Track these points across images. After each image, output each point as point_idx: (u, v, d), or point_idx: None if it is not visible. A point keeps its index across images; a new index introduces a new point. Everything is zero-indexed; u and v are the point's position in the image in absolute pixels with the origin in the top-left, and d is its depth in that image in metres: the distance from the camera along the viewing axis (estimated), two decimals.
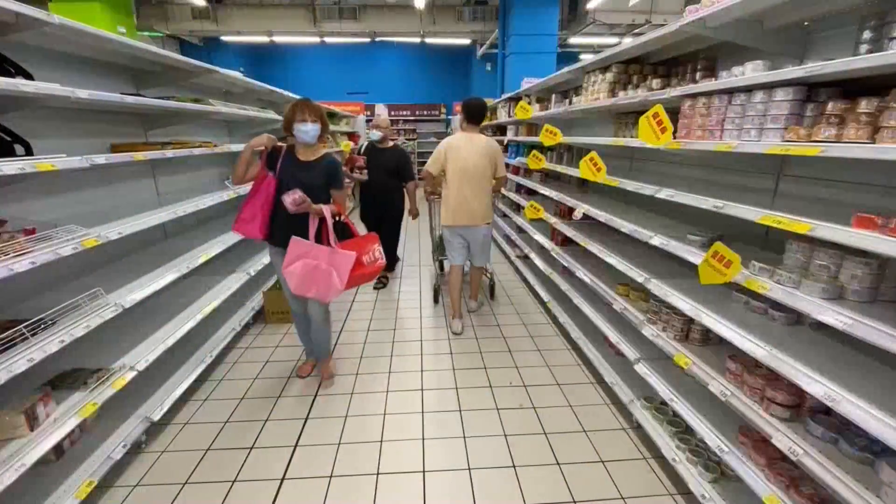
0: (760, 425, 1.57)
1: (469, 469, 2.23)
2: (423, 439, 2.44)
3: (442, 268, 5.14)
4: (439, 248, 4.49)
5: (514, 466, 2.25)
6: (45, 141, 2.26)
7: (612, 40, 10.95)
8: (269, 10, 10.82)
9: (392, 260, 4.98)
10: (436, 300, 4.46)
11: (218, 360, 3.22)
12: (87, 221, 2.14)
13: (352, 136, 10.02)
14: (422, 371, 3.13)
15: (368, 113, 13.55)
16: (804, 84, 1.52)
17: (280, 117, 4.85)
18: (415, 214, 4.58)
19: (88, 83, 2.57)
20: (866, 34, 1.49)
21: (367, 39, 11.88)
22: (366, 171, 4.40)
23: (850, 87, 1.50)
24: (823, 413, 1.52)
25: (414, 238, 7.18)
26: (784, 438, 1.48)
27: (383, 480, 2.16)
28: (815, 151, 1.32)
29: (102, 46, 2.38)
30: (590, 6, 8.90)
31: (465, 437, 2.45)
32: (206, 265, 3.08)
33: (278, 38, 11.59)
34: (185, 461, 2.27)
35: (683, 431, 2.17)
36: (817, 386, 1.33)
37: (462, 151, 3.41)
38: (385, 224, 4.60)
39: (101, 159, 2.00)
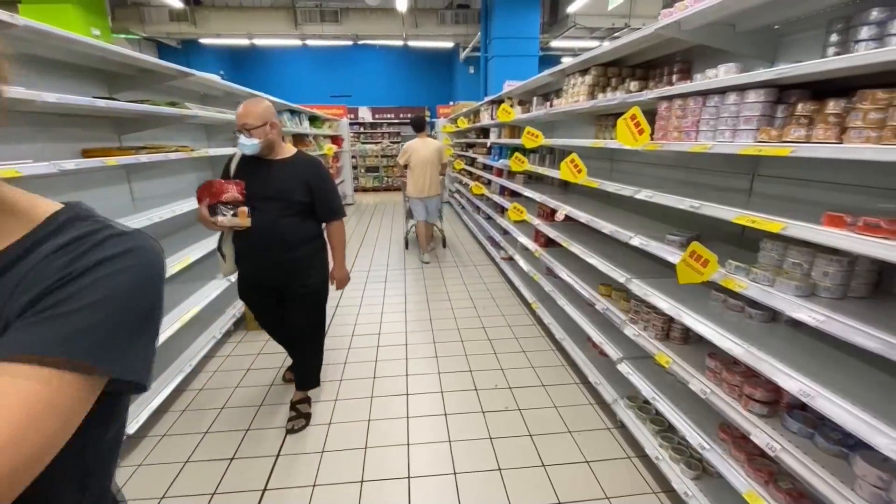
0: (739, 422, 1.59)
1: (454, 474, 2.21)
2: (408, 445, 2.42)
3: (411, 215, 6.32)
4: (408, 213, 6.34)
5: (499, 469, 2.24)
6: (12, 147, 2.18)
7: (593, 43, 11.09)
8: (249, 12, 10.70)
9: (310, 379, 2.68)
10: (406, 246, 6.72)
11: (197, 370, 3.14)
12: None
13: (335, 139, 9.96)
14: (406, 375, 3.11)
15: (352, 116, 13.50)
16: (775, 86, 1.55)
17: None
18: (343, 280, 2.59)
19: (59, 87, 2.50)
20: (833, 37, 1.53)
21: (350, 42, 11.83)
22: (244, 209, 2.12)
23: (819, 89, 1.53)
24: (800, 409, 1.55)
25: (397, 246, 7.14)
26: (762, 434, 1.50)
27: (368, 488, 2.13)
28: (786, 152, 1.35)
29: (71, 49, 2.32)
30: (570, 10, 9.00)
31: (450, 442, 2.44)
32: (184, 272, 3.01)
33: (259, 41, 11.47)
34: (163, 474, 2.21)
35: (666, 430, 2.20)
36: (793, 382, 1.36)
37: (420, 150, 5.58)
38: (292, 310, 2.49)
39: (70, 165, 1.94)
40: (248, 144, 2.09)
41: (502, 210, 5.54)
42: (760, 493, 1.54)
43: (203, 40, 11.37)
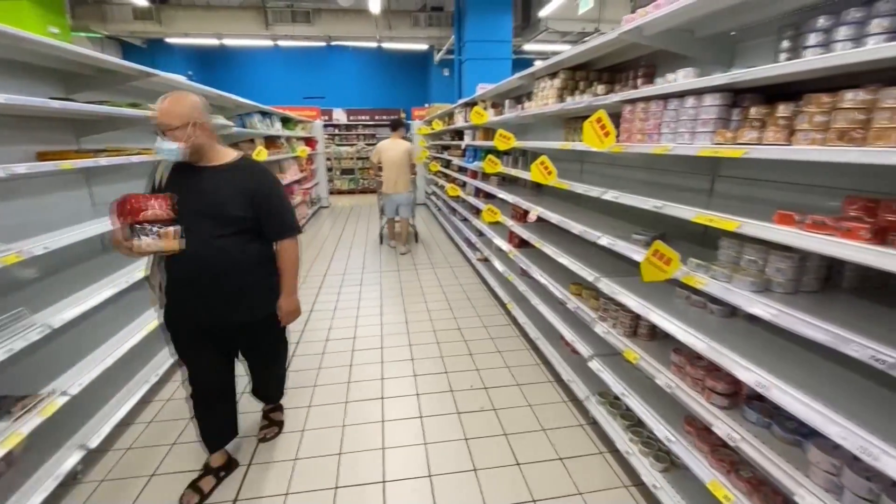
0: (702, 414, 1.64)
1: (430, 476, 2.21)
2: (383, 449, 2.40)
3: (383, 212, 6.83)
4: (382, 210, 6.71)
5: (474, 470, 2.25)
6: None
7: (565, 47, 11.30)
8: (218, 12, 10.46)
9: (277, 393, 2.58)
10: (381, 241, 7.05)
11: (165, 379, 3.04)
12: (11, 235, 1.98)
13: (309, 141, 9.82)
14: (382, 379, 3.09)
15: (326, 118, 13.35)
16: (729, 90, 1.62)
17: (229, 123, 4.71)
18: (291, 313, 2.09)
19: (12, 87, 2.39)
20: (785, 43, 1.61)
21: (323, 43, 11.71)
22: (170, 230, 1.72)
23: (773, 93, 1.60)
24: (758, 400, 1.61)
25: (373, 248, 7.09)
26: (723, 426, 1.56)
27: (342, 494, 2.10)
28: (740, 153, 1.41)
29: (24, 48, 2.22)
30: (542, 14, 9.15)
31: (425, 444, 2.43)
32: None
33: (228, 41, 11.21)
34: (128, 489, 2.13)
35: (636, 424, 2.25)
36: (750, 374, 1.41)
37: (389, 150, 6.04)
38: (244, 345, 2.19)
39: (21, 169, 1.86)
40: (167, 149, 1.68)
41: (477, 212, 5.58)
42: (723, 483, 1.60)
43: (170, 40, 11.04)
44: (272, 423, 2.52)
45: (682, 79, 1.78)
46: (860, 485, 1.21)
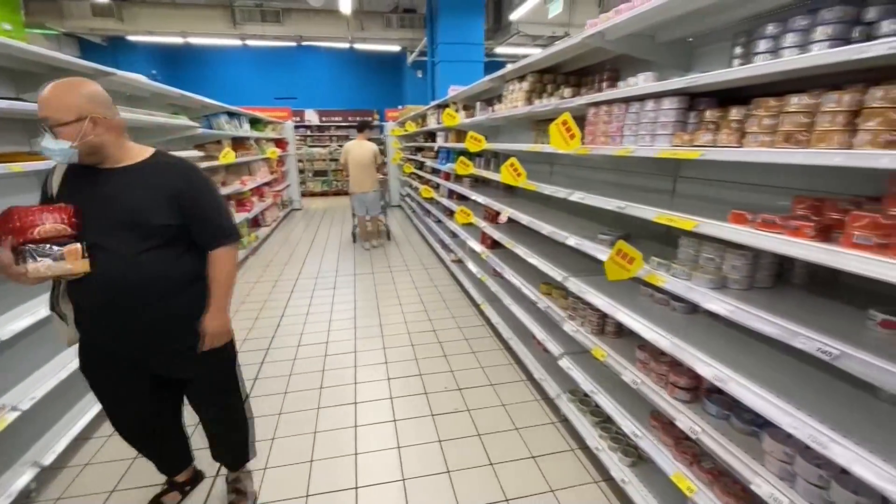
0: (666, 409, 1.69)
1: (403, 480, 2.20)
2: (356, 454, 2.37)
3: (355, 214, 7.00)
4: (353, 208, 6.85)
5: (448, 472, 2.25)
6: None
7: (536, 51, 11.45)
8: (183, 10, 10.14)
9: (242, 455, 2.05)
10: (354, 240, 7.30)
11: None
12: None
13: (280, 142, 9.64)
14: (355, 384, 3.05)
15: (298, 119, 13.13)
16: (686, 94, 1.67)
17: (194, 124, 4.58)
18: (216, 335, 1.70)
19: None
20: (738, 49, 1.67)
21: (293, 43, 11.52)
22: (74, 248, 1.42)
23: (727, 97, 1.67)
24: (717, 393, 1.67)
25: (347, 250, 7.02)
26: (685, 419, 1.61)
27: (314, 502, 2.07)
28: (696, 155, 1.46)
29: None
30: (513, 17, 9.25)
31: (399, 448, 2.42)
32: None
33: (194, 40, 10.89)
34: None
35: (605, 421, 2.29)
36: (708, 369, 1.46)
37: (354, 151, 6.35)
38: (186, 386, 1.86)
39: None
40: (56, 149, 1.36)
41: (451, 213, 5.59)
42: (686, 475, 1.65)
43: (132, 38, 10.65)
44: (240, 494, 2.02)
45: (642, 82, 1.83)
46: (811, 472, 1.27)
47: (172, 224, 1.53)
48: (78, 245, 1.43)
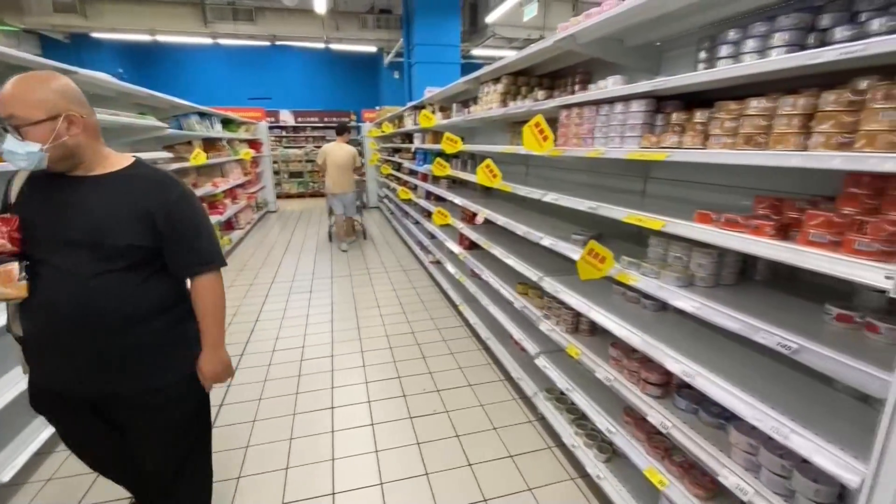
0: (638, 405, 1.73)
1: (381, 484, 2.18)
2: (333, 460, 2.34)
3: (331, 212, 7.16)
4: (330, 210, 7.05)
5: (426, 474, 2.24)
6: None
7: (512, 53, 11.57)
8: (151, 7, 9.83)
9: None
10: (330, 239, 7.44)
11: None
12: None
13: (254, 143, 9.46)
14: (332, 388, 3.01)
15: (273, 119, 12.91)
16: (653, 97, 1.71)
17: (162, 124, 4.44)
18: (217, 375, 1.54)
19: None
20: (702, 54, 1.72)
21: (267, 43, 11.31)
22: (9, 268, 1.24)
23: (692, 100, 1.72)
24: (687, 388, 1.71)
25: (324, 253, 6.93)
26: (657, 414, 1.65)
27: None
28: (663, 157, 1.49)
29: None
30: (489, 20, 9.32)
31: (376, 452, 2.40)
32: None
33: (163, 38, 10.58)
34: None
35: (581, 418, 2.33)
36: (677, 364, 1.50)
37: (333, 153, 6.45)
38: (134, 437, 1.52)
39: None
40: (21, 152, 1.19)
41: (428, 214, 5.58)
42: (658, 468, 1.68)
43: (96, 35, 10.27)
44: None
45: (611, 85, 1.87)
46: (774, 462, 1.31)
47: (142, 245, 1.33)
48: (13, 266, 1.22)
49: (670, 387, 1.76)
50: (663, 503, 1.75)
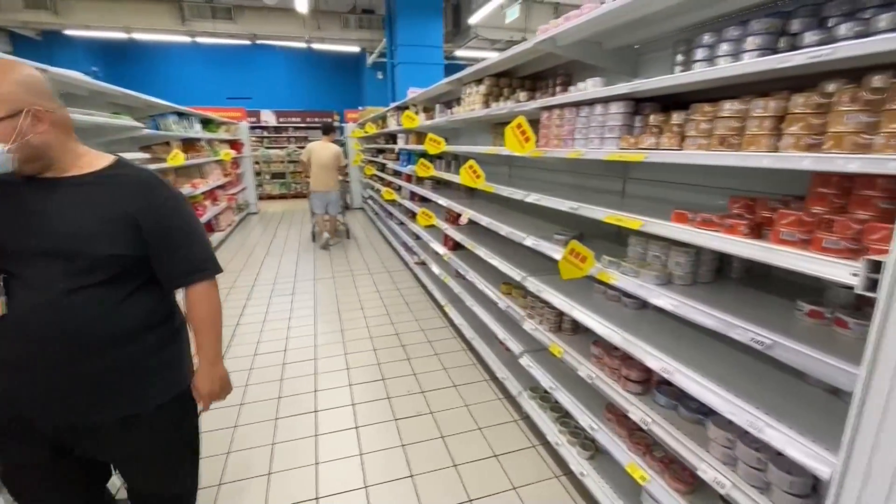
0: (619, 402, 1.75)
1: (365, 487, 2.16)
2: (317, 464, 2.31)
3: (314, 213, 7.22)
4: (311, 207, 7.05)
5: (411, 476, 2.23)
6: None
7: (495, 54, 11.62)
8: (125, 4, 9.58)
9: None
10: (313, 238, 7.43)
11: None
12: None
13: (234, 144, 9.30)
14: (315, 391, 2.98)
15: (254, 119, 12.72)
16: (631, 99, 1.74)
17: (138, 124, 4.34)
18: (214, 393, 1.44)
19: None
20: (679, 57, 1.75)
21: (247, 42, 11.14)
22: None
23: (669, 102, 1.75)
24: (666, 384, 1.74)
25: (307, 255, 6.86)
26: (637, 411, 1.67)
27: None
28: (641, 158, 1.52)
29: None
30: (471, 21, 9.35)
31: (361, 455, 2.38)
32: None
33: (139, 36, 10.32)
34: None
35: (564, 416, 2.35)
36: (657, 361, 1.53)
37: (318, 151, 6.54)
38: (125, 469, 1.42)
39: None
40: None
41: (413, 215, 5.57)
42: (639, 464, 1.71)
43: (69, 32, 9.96)
44: None
45: (590, 87, 1.90)
46: (750, 456, 1.35)
47: (126, 255, 1.19)
48: None
49: (650, 383, 1.79)
50: (645, 498, 1.78)
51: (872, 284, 0.87)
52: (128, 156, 4.30)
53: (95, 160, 1.24)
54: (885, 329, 0.86)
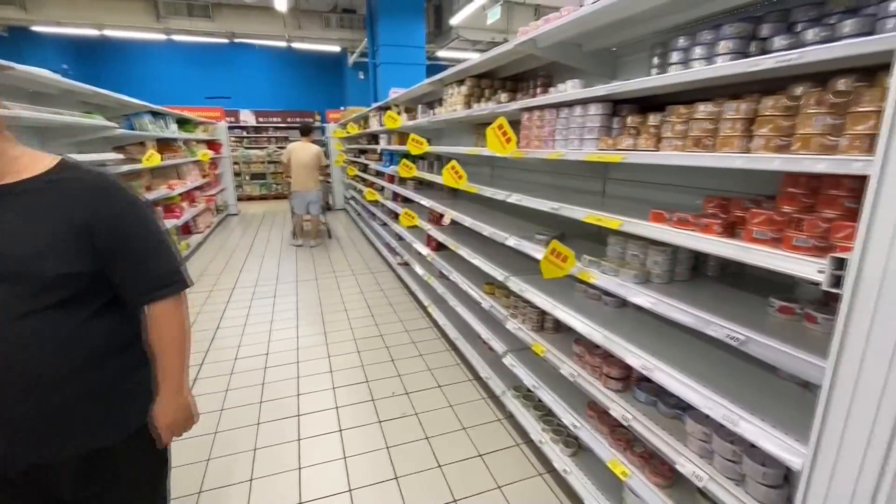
0: (601, 399, 1.78)
1: (350, 490, 2.15)
2: (300, 469, 2.28)
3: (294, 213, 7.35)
4: (293, 208, 7.18)
5: (396, 478, 2.22)
6: None
7: (477, 55, 11.67)
8: (98, 1, 9.32)
9: None
10: (294, 235, 7.39)
11: None
12: None
13: (212, 144, 9.13)
14: (298, 395, 2.94)
15: (233, 119, 12.51)
16: (609, 100, 1.77)
17: (111, 124, 4.22)
18: (176, 425, 1.26)
19: None
20: (655, 60, 1.79)
21: (225, 40, 10.94)
22: None
23: (646, 104, 1.78)
24: (645, 381, 1.77)
25: (288, 256, 6.77)
26: (618, 408, 1.70)
27: None
28: (619, 158, 1.54)
29: None
30: (453, 22, 9.37)
31: (345, 458, 2.36)
32: None
33: (113, 33, 10.04)
34: None
35: (547, 414, 2.37)
36: (636, 359, 1.55)
37: (301, 152, 6.60)
38: None
39: None
40: None
41: (396, 216, 5.55)
42: (621, 460, 1.74)
43: (37, 28, 9.63)
44: None
45: (570, 89, 1.92)
46: (726, 449, 1.38)
47: (79, 273, 1.04)
48: None
49: (630, 380, 1.82)
50: (626, 493, 1.81)
51: (837, 281, 0.90)
52: (100, 157, 4.18)
53: (35, 162, 1.06)
54: (850, 324, 0.90)
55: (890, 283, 0.83)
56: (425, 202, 3.97)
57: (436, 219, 4.00)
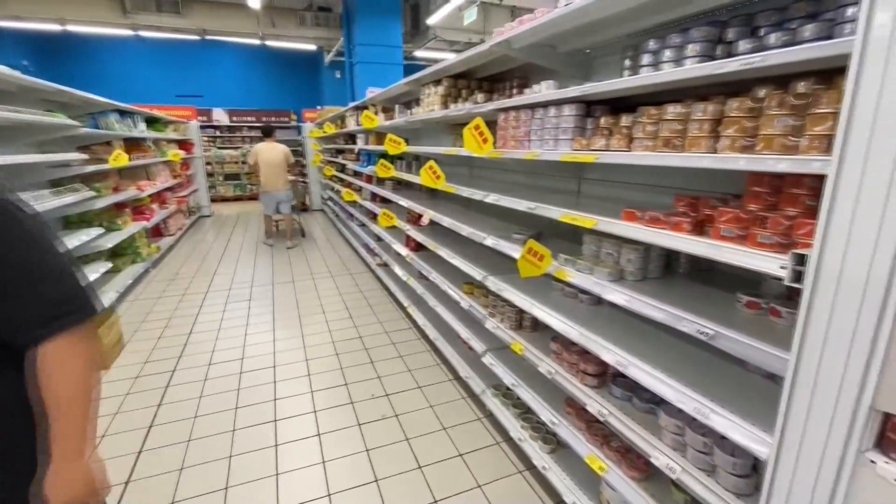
0: (578, 395, 1.80)
1: (329, 495, 2.12)
2: (277, 475, 2.24)
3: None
4: (264, 207, 7.08)
5: (376, 481, 2.20)
6: None
7: (454, 56, 11.70)
8: None
9: None
10: (267, 234, 7.37)
11: None
12: None
13: (184, 144, 8.88)
14: (275, 400, 2.88)
15: (205, 118, 12.20)
16: (583, 101, 1.80)
17: (74, 122, 4.05)
18: (77, 496, 0.90)
19: None
20: (627, 62, 1.82)
21: (196, 37, 10.65)
22: None
23: (618, 105, 1.81)
24: (621, 377, 1.81)
25: (263, 258, 6.64)
26: (595, 404, 1.73)
27: None
28: (592, 158, 1.57)
29: None
30: (430, 22, 9.36)
31: (323, 463, 2.33)
32: None
33: (76, 28, 9.63)
34: None
35: (526, 412, 2.39)
36: (611, 355, 1.58)
37: (265, 152, 6.59)
38: None
39: None
40: None
41: (374, 217, 5.51)
42: (598, 455, 1.77)
43: None
44: None
45: (544, 90, 1.94)
46: (697, 441, 1.42)
47: None
48: None
49: (606, 377, 1.85)
50: (604, 488, 1.84)
51: (798, 276, 0.94)
52: (62, 157, 4.01)
53: None
54: (810, 317, 0.93)
55: (847, 278, 0.87)
56: (404, 202, 3.95)
57: (414, 219, 3.98)
